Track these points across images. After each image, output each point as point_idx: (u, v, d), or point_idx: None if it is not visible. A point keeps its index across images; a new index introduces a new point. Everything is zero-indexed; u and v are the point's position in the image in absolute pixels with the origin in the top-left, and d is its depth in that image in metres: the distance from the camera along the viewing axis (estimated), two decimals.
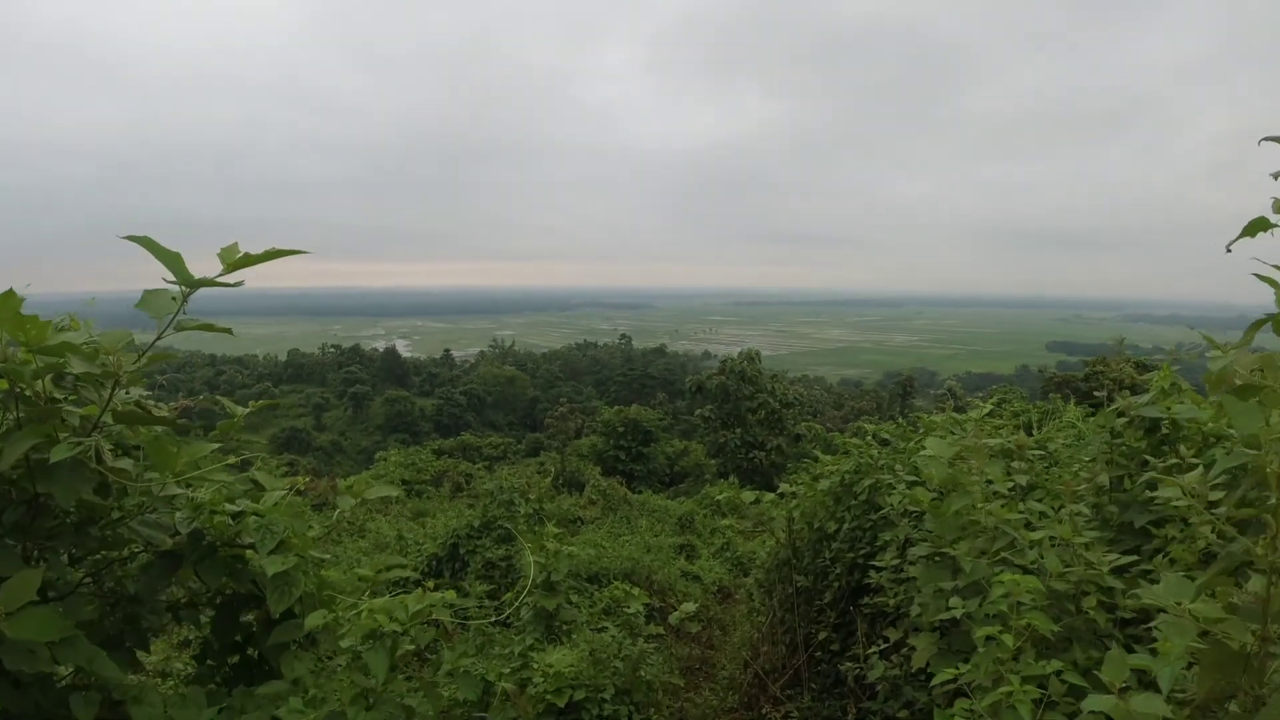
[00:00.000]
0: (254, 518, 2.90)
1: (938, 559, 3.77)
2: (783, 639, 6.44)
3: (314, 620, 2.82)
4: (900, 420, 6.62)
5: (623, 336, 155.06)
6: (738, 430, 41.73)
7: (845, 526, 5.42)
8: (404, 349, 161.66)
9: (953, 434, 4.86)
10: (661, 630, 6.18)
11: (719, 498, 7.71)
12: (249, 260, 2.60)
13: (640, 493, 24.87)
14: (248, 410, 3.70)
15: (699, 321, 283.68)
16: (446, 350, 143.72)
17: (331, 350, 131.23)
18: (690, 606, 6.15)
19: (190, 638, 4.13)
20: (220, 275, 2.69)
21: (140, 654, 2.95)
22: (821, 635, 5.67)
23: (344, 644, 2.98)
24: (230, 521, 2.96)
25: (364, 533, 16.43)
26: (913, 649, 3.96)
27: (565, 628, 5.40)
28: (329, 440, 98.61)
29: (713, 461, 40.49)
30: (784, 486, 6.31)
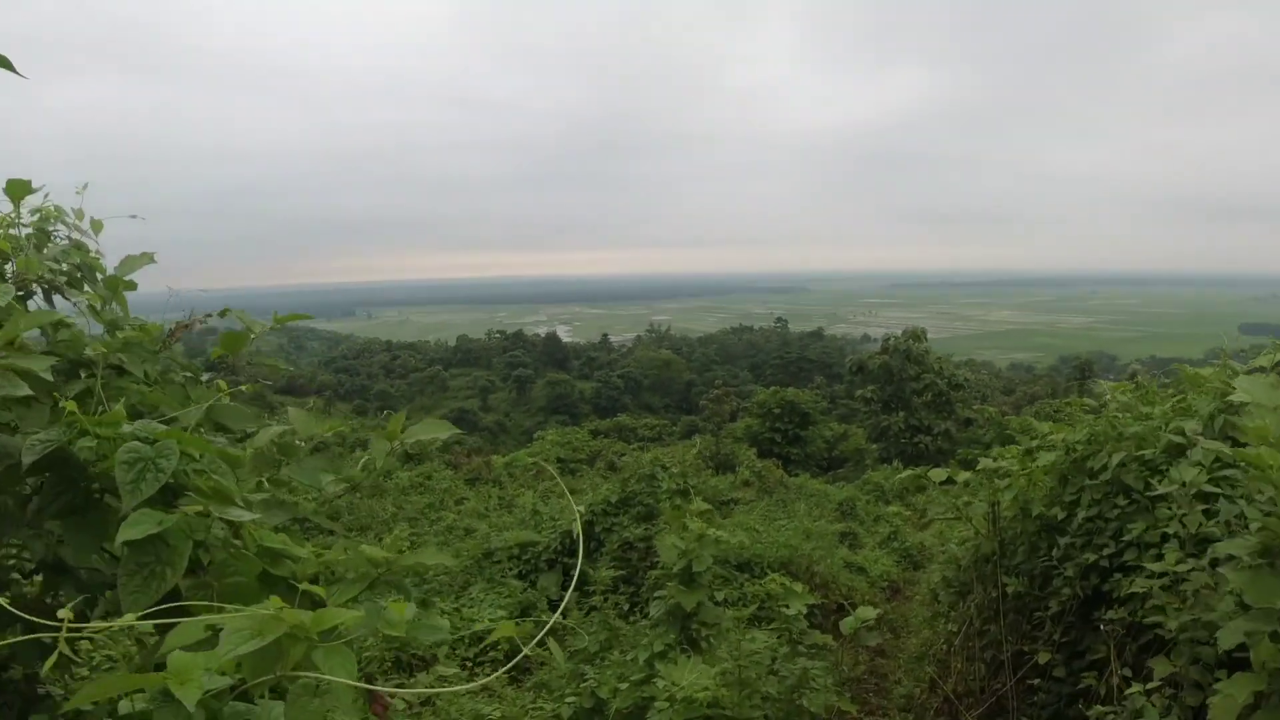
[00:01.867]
0: (133, 443, 1.82)
1: (1274, 564, 2.40)
2: (982, 655, 5.09)
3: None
4: (1139, 381, 5.10)
5: (778, 320, 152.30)
6: (901, 413, 39.32)
7: (1080, 516, 4.03)
8: (564, 334, 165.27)
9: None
10: (830, 640, 4.95)
11: (898, 477, 6.34)
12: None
13: (797, 476, 23.48)
14: (267, 326, 2.78)
15: (856, 305, 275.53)
16: (604, 335, 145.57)
17: (497, 336, 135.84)
18: (870, 612, 4.87)
19: None
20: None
21: None
22: (1042, 657, 4.29)
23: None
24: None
25: (511, 507, 15.91)
26: (1197, 687, 2.62)
27: (705, 632, 4.28)
28: (494, 420, 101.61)
29: (874, 446, 38.35)
30: (985, 462, 4.95)
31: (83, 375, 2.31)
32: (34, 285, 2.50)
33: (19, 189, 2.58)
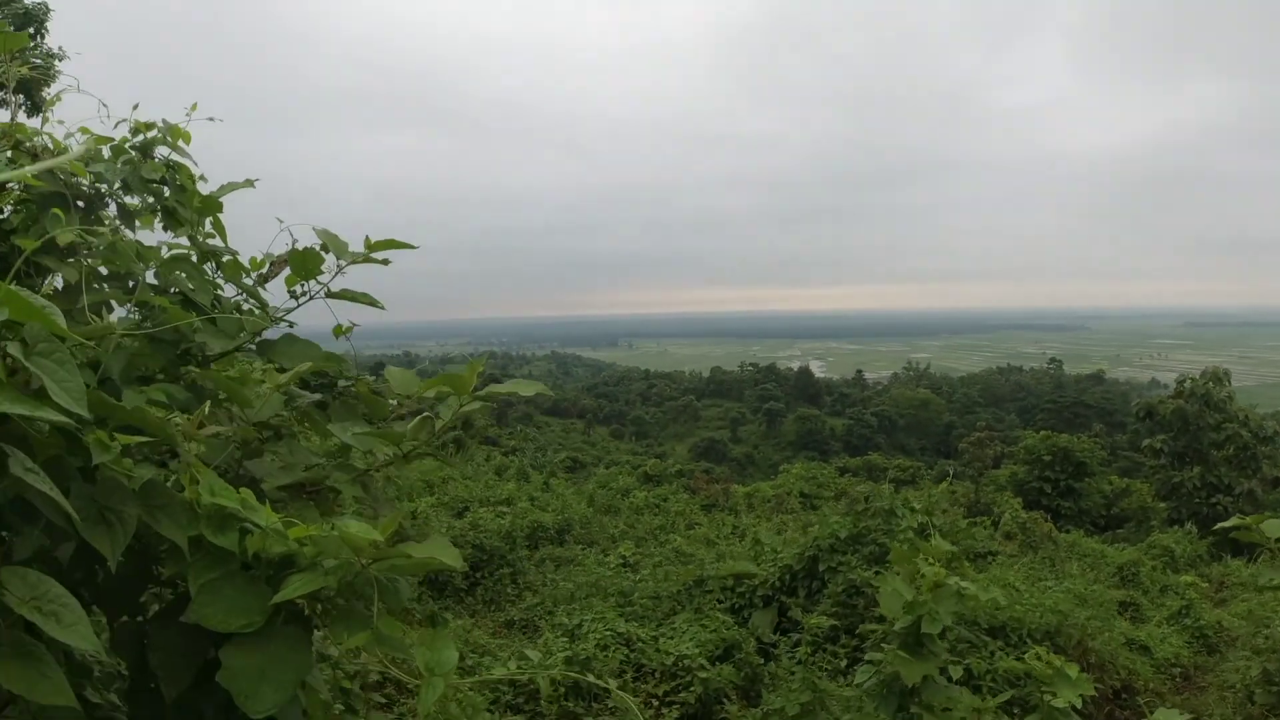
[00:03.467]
0: None
1: None
2: None
3: None
4: None
5: (1052, 360, 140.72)
6: (1196, 468, 34.33)
7: None
8: (817, 369, 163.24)
9: None
10: None
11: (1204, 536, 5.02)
12: (375, 246, 2.44)
13: (1068, 532, 20.96)
14: (357, 254, 2.43)
15: (1143, 345, 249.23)
16: (859, 371, 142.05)
17: (749, 368, 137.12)
18: (1177, 718, 3.67)
19: None
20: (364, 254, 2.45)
21: None
22: None
23: None
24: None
25: (743, 537, 15.30)
26: None
27: (930, 719, 3.41)
28: (743, 452, 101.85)
29: (1162, 505, 33.78)
30: None
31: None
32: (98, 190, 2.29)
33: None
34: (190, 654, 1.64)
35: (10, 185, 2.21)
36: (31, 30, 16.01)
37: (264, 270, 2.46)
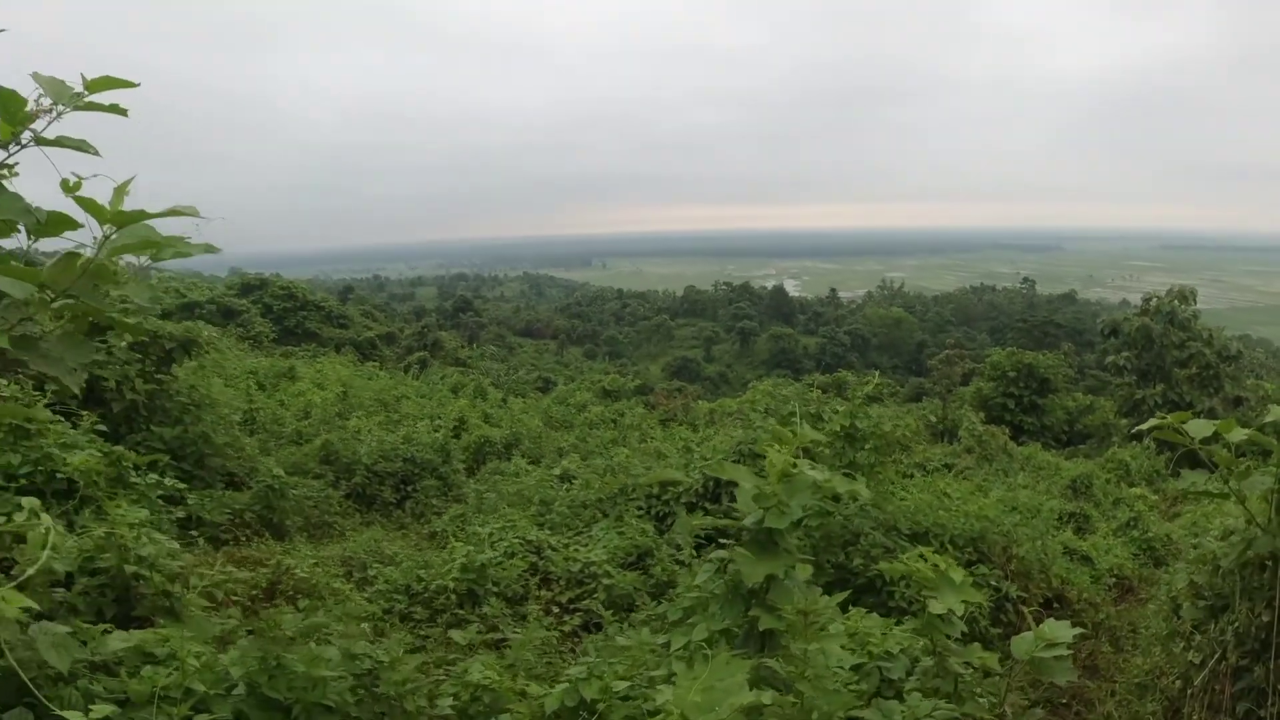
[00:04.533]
0: None
1: None
2: (1233, 708, 3.45)
3: None
4: None
5: (1025, 280, 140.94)
6: (1159, 386, 34.38)
7: None
8: (792, 288, 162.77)
9: None
10: (993, 664, 3.36)
11: (1139, 427, 4.48)
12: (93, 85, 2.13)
13: (1024, 444, 20.88)
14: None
15: (1118, 267, 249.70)
16: (833, 290, 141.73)
17: (723, 288, 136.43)
18: (1064, 630, 3.10)
19: None
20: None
21: None
22: None
23: None
24: None
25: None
26: None
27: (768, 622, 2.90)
28: (716, 371, 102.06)
29: (1124, 422, 33.90)
30: (1276, 411, 3.29)
31: None
32: None
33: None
34: None
35: None
36: None
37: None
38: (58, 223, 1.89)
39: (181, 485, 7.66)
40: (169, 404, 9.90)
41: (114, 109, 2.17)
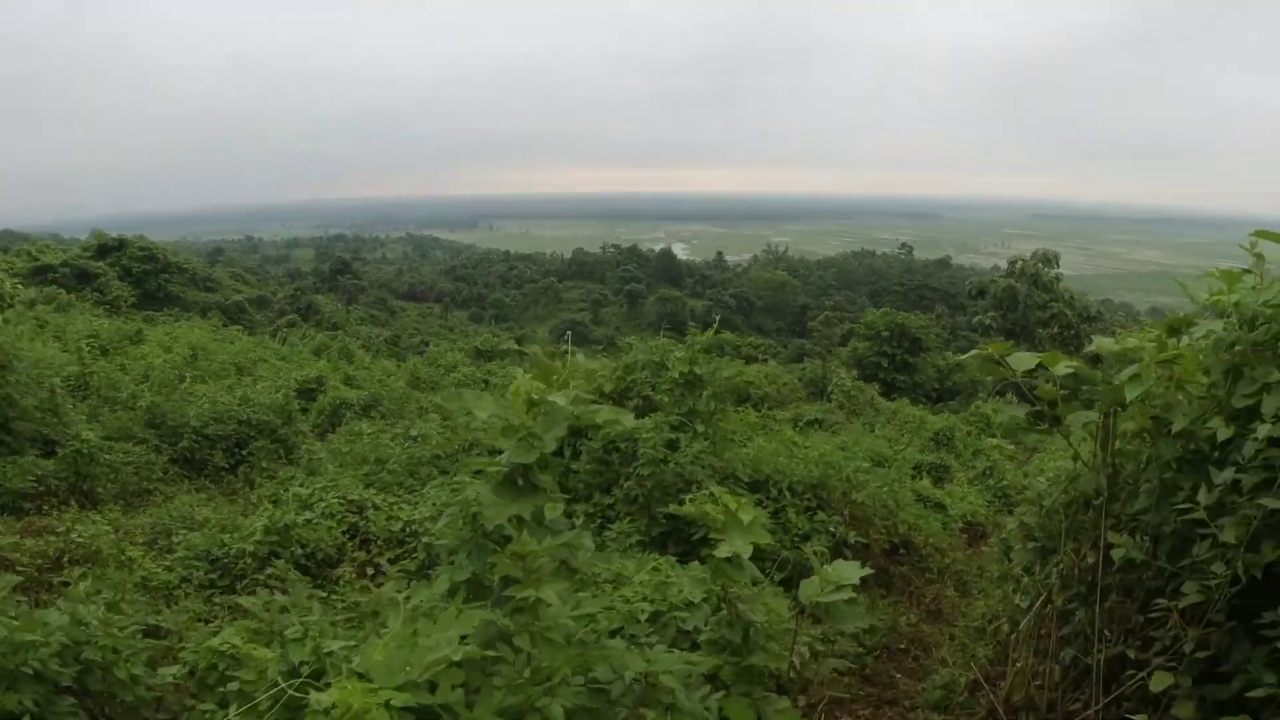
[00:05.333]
0: None
1: None
2: (1058, 652, 3.20)
3: None
4: None
5: (903, 246, 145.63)
6: (1023, 345, 35.96)
7: (1261, 435, 2.11)
8: (681, 252, 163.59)
9: None
10: (781, 610, 3.03)
11: (958, 359, 4.23)
12: None
13: (893, 400, 21.26)
14: None
15: (991, 235, 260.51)
16: (719, 253, 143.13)
17: (612, 250, 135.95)
18: (850, 571, 2.78)
19: None
20: None
21: None
22: (1159, 680, 2.39)
23: None
24: None
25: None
26: None
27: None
28: (604, 334, 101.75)
29: (990, 380, 35.29)
30: (1103, 343, 3.02)
31: None
32: None
33: None
34: None
35: None
36: None
37: None
38: None
39: None
40: None
41: None
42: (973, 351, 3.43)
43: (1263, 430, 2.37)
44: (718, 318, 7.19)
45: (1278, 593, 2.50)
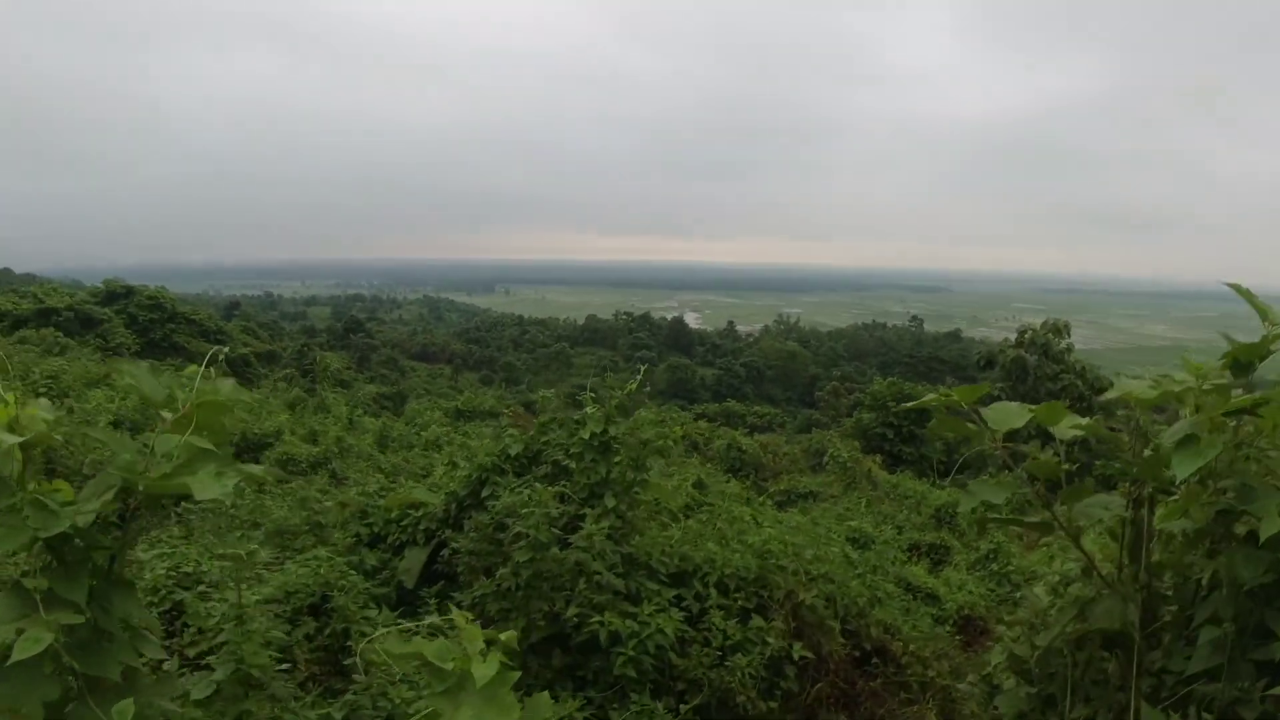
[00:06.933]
0: None
1: None
2: None
3: None
4: None
5: (913, 319, 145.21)
6: None
7: None
8: (693, 320, 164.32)
9: None
10: None
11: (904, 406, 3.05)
12: None
13: (897, 473, 19.93)
14: None
15: (1001, 308, 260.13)
16: (731, 323, 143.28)
17: (624, 317, 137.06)
18: None
19: None
20: None
21: None
22: None
23: None
24: None
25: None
26: None
27: None
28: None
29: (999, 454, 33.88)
30: (1129, 385, 1.89)
31: None
32: None
33: None
34: None
35: None
36: None
37: None
38: None
39: None
40: None
41: None
42: (928, 396, 2.29)
43: None
44: (644, 367, 5.95)
45: None
